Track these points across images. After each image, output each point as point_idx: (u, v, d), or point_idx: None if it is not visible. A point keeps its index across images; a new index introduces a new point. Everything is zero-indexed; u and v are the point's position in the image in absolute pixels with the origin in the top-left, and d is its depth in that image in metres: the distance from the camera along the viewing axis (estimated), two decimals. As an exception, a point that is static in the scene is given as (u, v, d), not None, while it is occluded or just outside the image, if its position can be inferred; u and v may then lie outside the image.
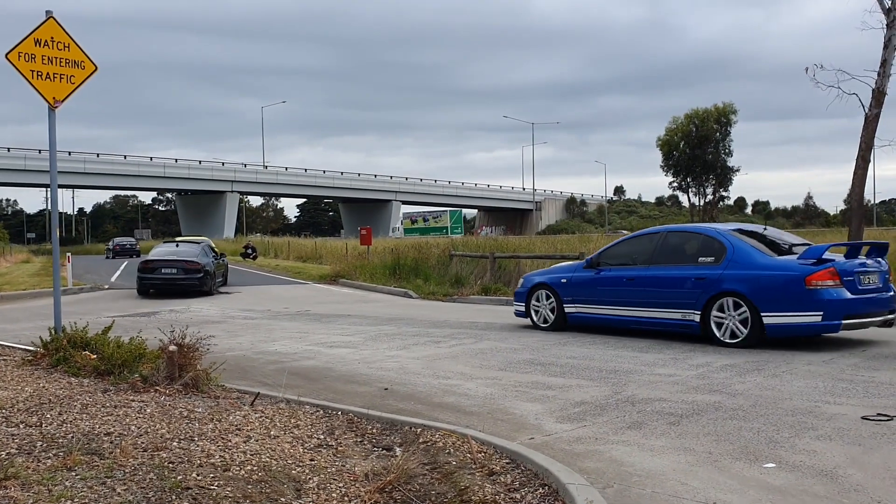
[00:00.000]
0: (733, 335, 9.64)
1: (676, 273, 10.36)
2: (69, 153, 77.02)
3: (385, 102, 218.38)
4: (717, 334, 9.76)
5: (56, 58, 8.85)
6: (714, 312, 9.82)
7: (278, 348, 10.44)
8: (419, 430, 5.58)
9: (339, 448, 5.13)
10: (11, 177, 73.79)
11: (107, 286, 24.96)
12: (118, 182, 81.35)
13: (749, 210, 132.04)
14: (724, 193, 70.56)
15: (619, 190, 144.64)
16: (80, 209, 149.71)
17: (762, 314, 9.39)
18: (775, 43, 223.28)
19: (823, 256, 9.47)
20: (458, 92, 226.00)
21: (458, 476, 4.50)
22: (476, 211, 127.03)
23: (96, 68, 9.15)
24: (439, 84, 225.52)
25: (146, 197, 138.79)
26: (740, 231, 10.58)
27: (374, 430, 5.61)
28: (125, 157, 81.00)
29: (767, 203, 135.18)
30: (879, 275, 9.88)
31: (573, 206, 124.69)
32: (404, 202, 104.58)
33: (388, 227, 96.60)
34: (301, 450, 5.07)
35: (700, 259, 10.20)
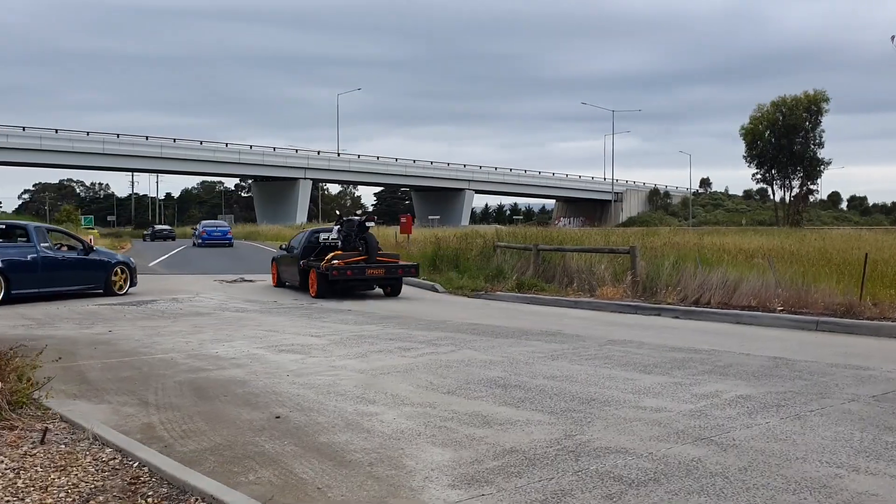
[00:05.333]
0: None
1: None
2: (146, 137, 78.21)
3: (464, 92, 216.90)
4: None
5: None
6: None
7: (220, 351, 8.93)
8: None
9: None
10: (90, 160, 75.29)
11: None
12: (194, 167, 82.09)
13: (844, 206, 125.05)
14: (812, 187, 66.06)
15: (704, 182, 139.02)
16: (168, 194, 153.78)
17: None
18: (871, 34, 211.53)
19: None
20: (538, 82, 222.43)
21: None
22: (554, 202, 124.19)
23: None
24: (520, 73, 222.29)
25: (231, 183, 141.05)
26: None
27: (151, 500, 3.95)
28: (201, 142, 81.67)
29: (864, 199, 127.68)
30: None
31: (656, 197, 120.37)
32: (478, 191, 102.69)
33: (461, 216, 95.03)
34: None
35: None
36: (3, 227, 16.07)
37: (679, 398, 6.41)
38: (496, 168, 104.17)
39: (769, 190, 77.19)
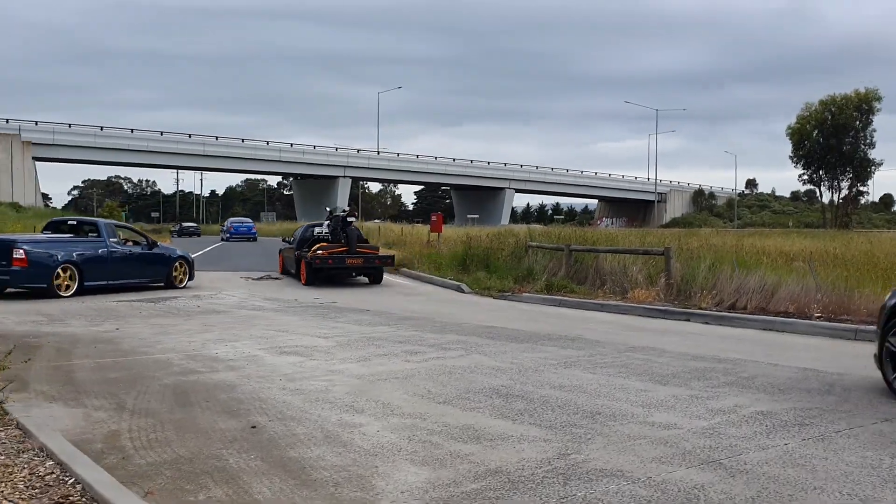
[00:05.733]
0: None
1: None
2: (189, 135, 79.04)
3: (506, 90, 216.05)
4: None
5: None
6: None
7: (221, 352, 8.60)
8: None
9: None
10: (135, 157, 76.31)
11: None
12: (235, 165, 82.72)
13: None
14: (861, 188, 64.08)
15: (750, 183, 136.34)
16: (213, 191, 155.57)
17: None
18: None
19: None
20: (582, 80, 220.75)
21: None
22: (597, 202, 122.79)
23: None
24: (563, 72, 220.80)
25: (274, 181, 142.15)
26: None
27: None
28: (242, 140, 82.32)
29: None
30: None
31: (701, 198, 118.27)
32: (518, 190, 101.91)
33: (501, 215, 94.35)
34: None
35: None
36: (75, 222, 17.06)
37: (692, 413, 5.89)
38: (537, 167, 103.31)
39: (817, 191, 75.24)
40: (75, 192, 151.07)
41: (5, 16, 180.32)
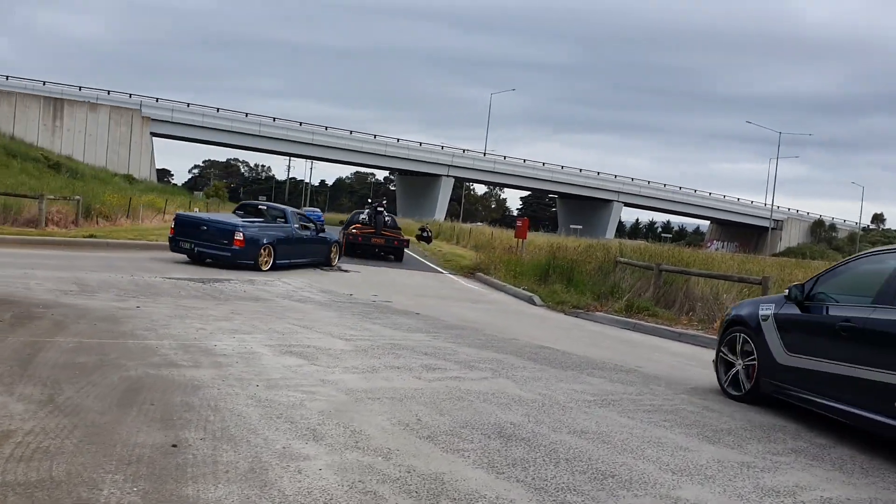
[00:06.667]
0: None
1: None
2: (300, 123, 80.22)
3: (622, 102, 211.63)
4: None
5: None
6: None
7: (221, 345, 7.72)
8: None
9: None
10: (247, 141, 78.01)
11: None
12: (342, 156, 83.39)
13: None
14: None
15: (877, 218, 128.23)
16: (322, 181, 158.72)
17: None
18: None
19: None
20: (704, 98, 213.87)
21: None
22: (708, 223, 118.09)
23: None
24: (684, 88, 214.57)
25: (381, 175, 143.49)
26: None
27: None
28: (350, 132, 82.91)
29: None
30: None
31: (820, 229, 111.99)
32: (627, 204, 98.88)
33: (606, 228, 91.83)
34: None
35: None
36: (264, 207, 19.61)
37: (734, 490, 4.56)
38: (649, 182, 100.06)
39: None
40: (195, 171, 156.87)
41: (142, 2, 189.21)
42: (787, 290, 7.25)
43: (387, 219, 25.34)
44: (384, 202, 27.74)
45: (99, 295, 10.72)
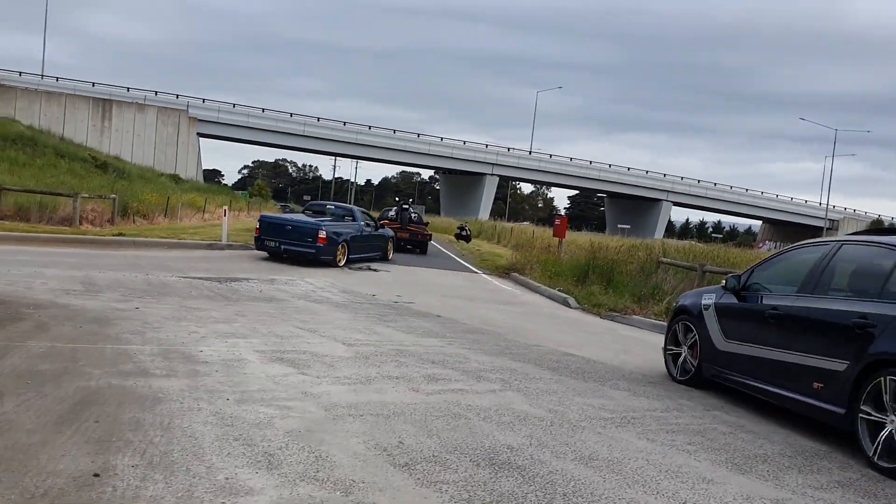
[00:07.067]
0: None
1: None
2: (344, 123, 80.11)
3: (672, 102, 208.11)
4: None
5: None
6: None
7: (207, 351, 7.11)
8: None
9: None
10: (292, 141, 78.18)
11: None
12: (385, 155, 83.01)
13: None
14: None
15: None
16: (368, 180, 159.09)
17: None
18: None
19: None
20: (755, 97, 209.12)
21: None
22: (760, 223, 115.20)
23: None
24: (736, 88, 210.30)
25: (426, 174, 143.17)
26: None
27: None
28: (394, 131, 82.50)
29: None
30: None
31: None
32: (676, 204, 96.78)
33: (655, 228, 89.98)
34: None
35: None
36: (332, 206, 21.08)
37: (764, 541, 3.77)
38: (699, 181, 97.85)
39: None
40: (245, 171, 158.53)
41: (192, 4, 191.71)
42: (723, 281, 7.76)
43: (413, 215, 28.01)
44: (410, 201, 31.82)
45: (102, 295, 10.24)
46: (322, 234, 18.12)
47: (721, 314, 7.53)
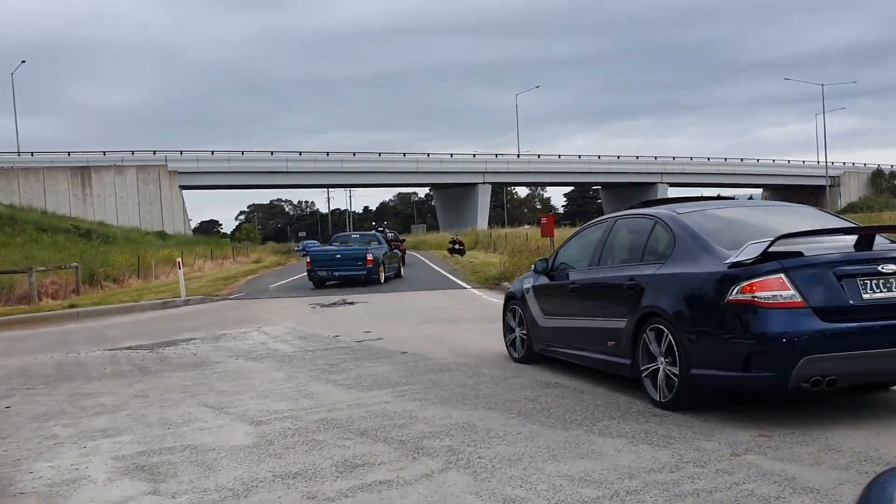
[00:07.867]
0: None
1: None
2: (327, 153, 78.44)
3: (660, 83, 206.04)
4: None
5: None
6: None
7: (41, 468, 5.18)
8: None
9: None
10: (274, 179, 76.51)
11: (220, 298, 21.16)
12: (373, 179, 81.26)
13: None
14: None
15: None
16: (366, 207, 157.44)
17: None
18: None
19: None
20: (736, 67, 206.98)
21: None
22: (761, 191, 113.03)
23: None
24: (715, 60, 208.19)
25: (423, 193, 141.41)
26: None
27: None
28: (379, 154, 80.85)
29: None
30: None
31: (880, 179, 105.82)
32: (671, 184, 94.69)
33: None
34: None
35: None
36: (356, 235, 27.62)
37: None
38: (691, 158, 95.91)
39: None
40: (241, 217, 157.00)
41: (176, 57, 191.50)
42: (533, 266, 8.50)
43: (390, 235, 33.49)
44: (385, 223, 36.99)
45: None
46: (370, 257, 22.35)
47: (538, 294, 8.22)
